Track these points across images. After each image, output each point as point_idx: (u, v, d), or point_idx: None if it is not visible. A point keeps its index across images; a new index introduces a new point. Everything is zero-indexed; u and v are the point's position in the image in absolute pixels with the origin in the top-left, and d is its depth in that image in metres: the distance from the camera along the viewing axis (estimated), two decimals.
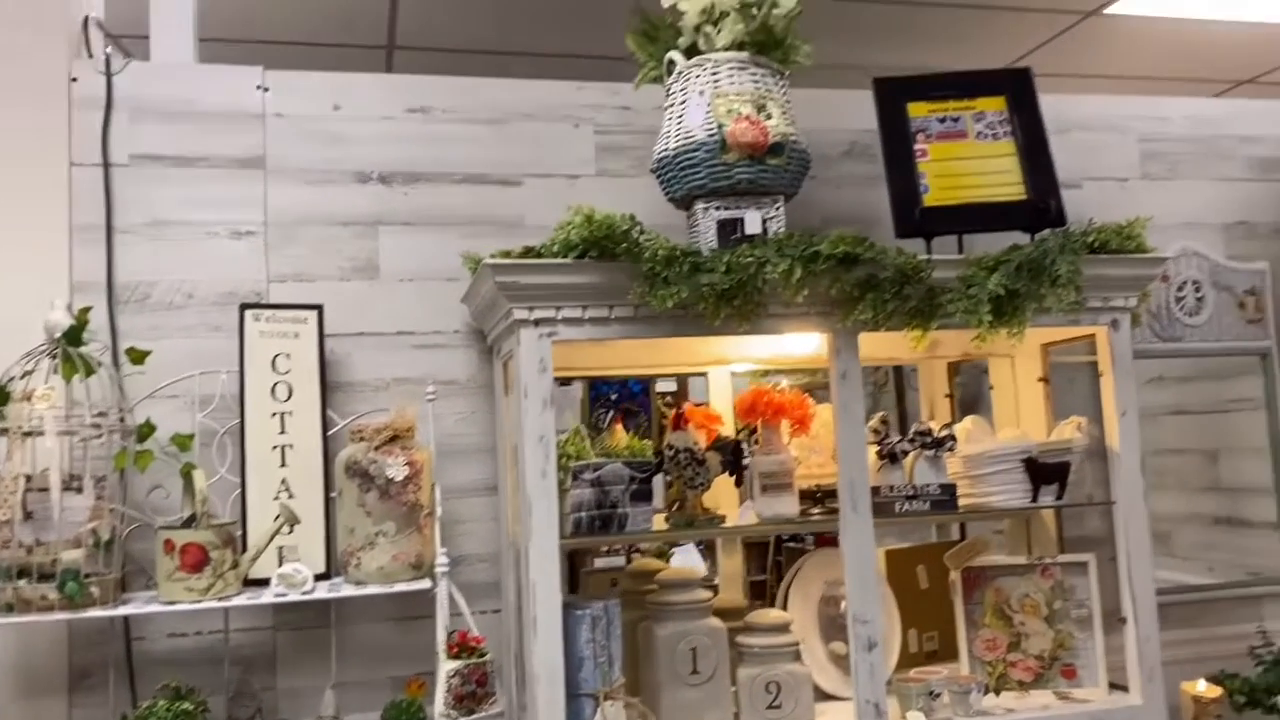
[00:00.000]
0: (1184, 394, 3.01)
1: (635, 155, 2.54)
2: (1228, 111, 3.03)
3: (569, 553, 2.60)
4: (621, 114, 2.57)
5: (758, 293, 1.99)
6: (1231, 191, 2.98)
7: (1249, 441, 2.96)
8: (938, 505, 2.23)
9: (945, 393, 2.81)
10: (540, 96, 2.53)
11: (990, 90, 2.40)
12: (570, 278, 1.94)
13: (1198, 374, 2.99)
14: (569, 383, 2.67)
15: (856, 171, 2.71)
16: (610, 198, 2.45)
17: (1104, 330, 2.28)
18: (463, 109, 2.47)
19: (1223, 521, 3.01)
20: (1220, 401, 3.02)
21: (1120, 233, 2.23)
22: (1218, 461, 3.01)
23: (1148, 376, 2.93)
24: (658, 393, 2.77)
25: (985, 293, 2.06)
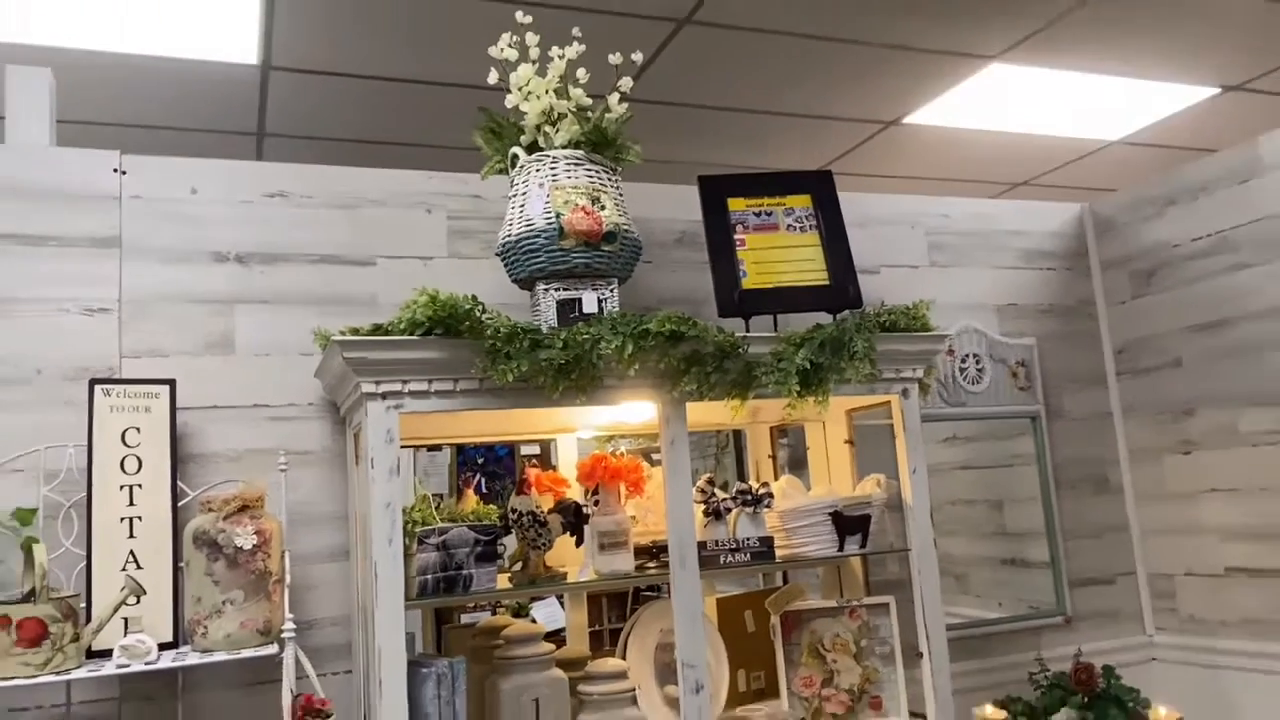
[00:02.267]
0: (972, 451, 3.17)
1: (484, 239, 2.54)
2: (1001, 210, 3.26)
3: (435, 610, 2.52)
4: (472, 201, 2.57)
5: (593, 367, 2.00)
6: (1004, 277, 3.20)
7: (1026, 492, 3.13)
8: (757, 556, 2.27)
9: (768, 454, 2.87)
10: (394, 184, 2.51)
11: (799, 189, 2.52)
12: (416, 353, 1.91)
13: (983, 434, 3.16)
14: (438, 449, 2.61)
15: (687, 257, 2.78)
16: (461, 278, 2.45)
17: (897, 398, 2.39)
18: (319, 194, 2.43)
19: (1008, 562, 3.16)
20: (1003, 457, 3.19)
21: (908, 313, 2.35)
22: (1002, 510, 3.17)
23: (941, 436, 3.08)
24: (523, 456, 2.74)
25: (794, 366, 2.14)
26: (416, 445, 2.55)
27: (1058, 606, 3.03)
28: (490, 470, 2.71)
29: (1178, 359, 3.05)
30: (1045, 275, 3.25)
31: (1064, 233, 3.31)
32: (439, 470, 2.65)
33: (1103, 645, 2.97)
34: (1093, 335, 3.27)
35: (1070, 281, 3.28)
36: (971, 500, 3.17)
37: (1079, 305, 3.28)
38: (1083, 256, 3.32)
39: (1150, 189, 3.15)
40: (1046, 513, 3.09)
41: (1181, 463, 3.04)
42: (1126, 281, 3.22)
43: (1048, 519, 3.09)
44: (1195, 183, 2.99)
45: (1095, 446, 3.20)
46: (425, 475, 2.60)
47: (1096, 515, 3.15)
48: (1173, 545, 3.06)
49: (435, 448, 2.61)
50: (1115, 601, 3.11)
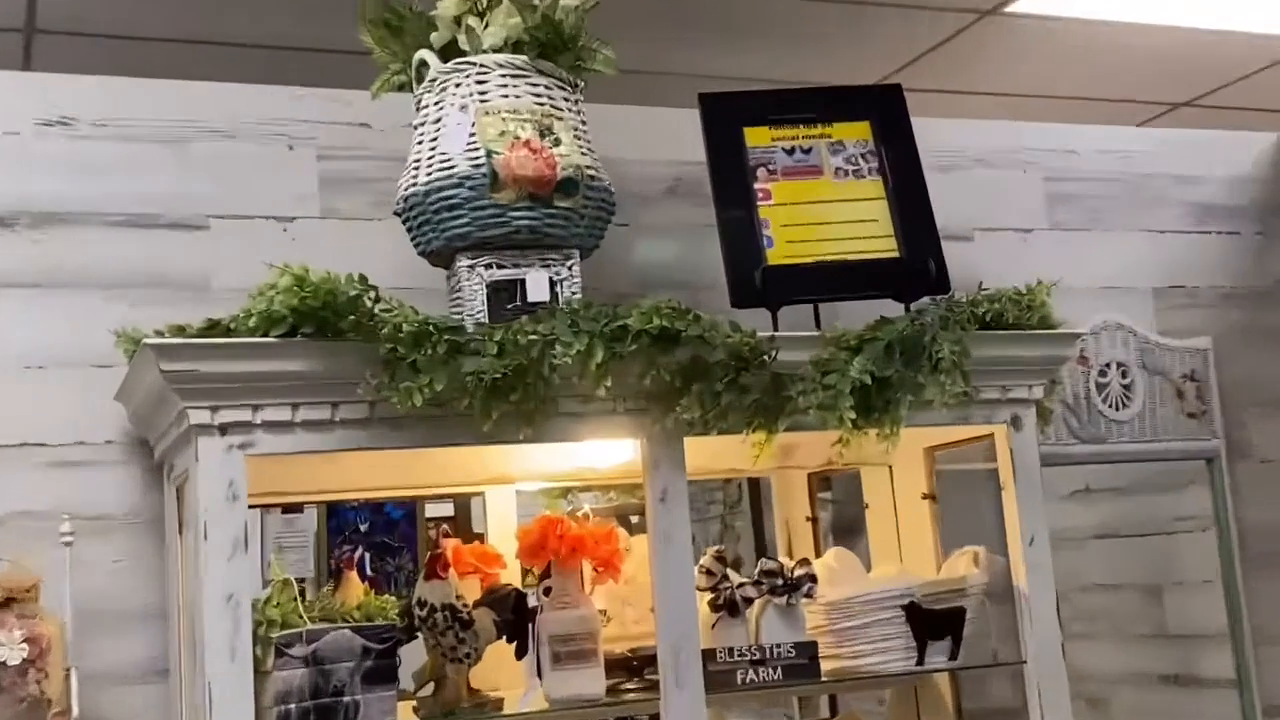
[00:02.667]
0: (1116, 511, 3.22)
1: (376, 190, 2.57)
2: (1156, 144, 3.33)
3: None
4: (357, 133, 2.60)
5: (544, 384, 2.02)
6: (1163, 246, 3.26)
7: (1199, 572, 3.18)
8: (793, 672, 2.30)
9: (807, 515, 2.91)
10: (240, 106, 2.54)
11: (851, 113, 2.56)
12: (273, 364, 1.93)
13: (1133, 484, 3.21)
14: (299, 509, 2.62)
15: (682, 216, 2.82)
16: (341, 250, 2.46)
17: (1003, 430, 2.42)
18: (123, 121, 2.45)
19: (1170, 680, 3.20)
20: (1163, 520, 3.25)
21: (1020, 301, 2.40)
22: (1162, 600, 3.22)
23: (1070, 488, 3.12)
24: (428, 520, 2.75)
25: (847, 382, 2.16)
26: (266, 505, 2.56)
27: None
28: (379, 541, 2.72)
29: None
30: (1227, 243, 3.31)
31: (1253, 178, 3.37)
32: (299, 540, 2.66)
33: None
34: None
35: (1263, 251, 3.34)
36: (1115, 585, 3.22)
37: (1276, 287, 3.33)
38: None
39: None
40: (1230, 604, 3.14)
41: None
42: None
43: (1231, 614, 3.13)
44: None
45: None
46: (279, 548, 2.61)
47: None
48: None
49: (294, 507, 2.62)
50: None
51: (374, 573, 2.63)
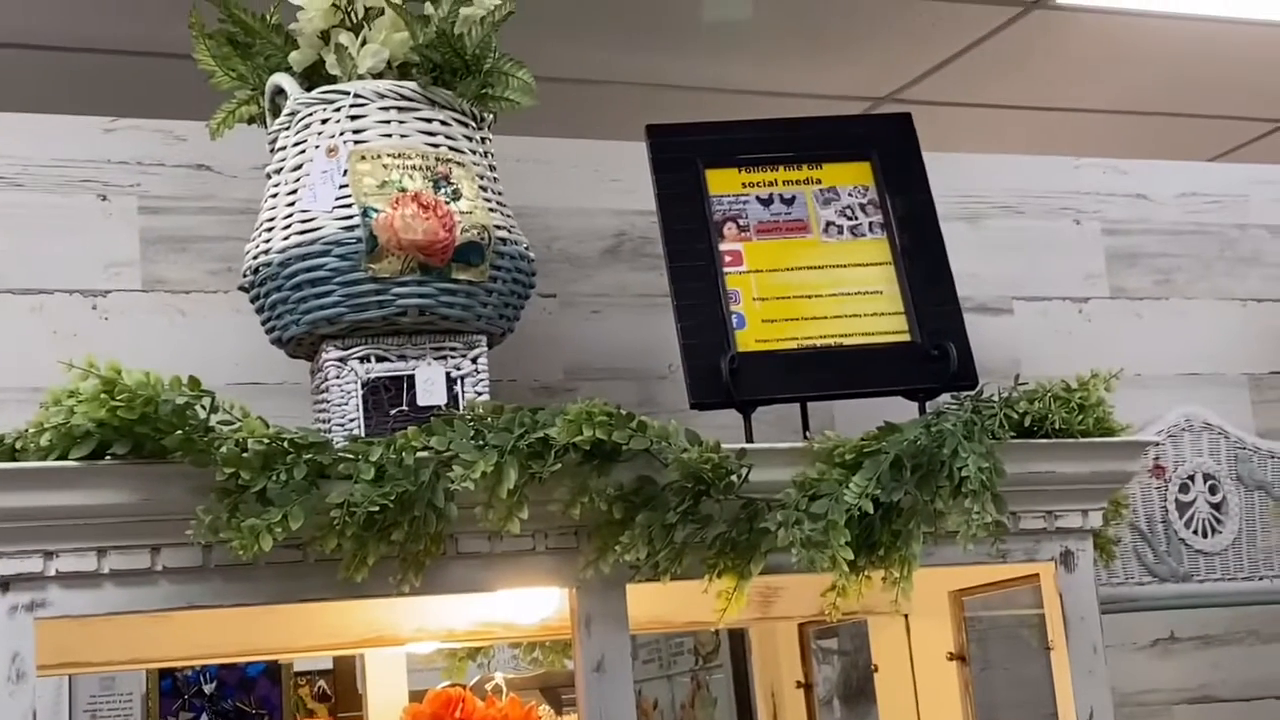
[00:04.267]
0: (1210, 666, 3.24)
1: (217, 254, 2.59)
2: (1256, 183, 3.37)
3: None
4: (194, 177, 2.62)
5: (438, 518, 2.03)
6: (1263, 318, 3.30)
7: None
8: None
9: (798, 679, 2.92)
10: (34, 142, 2.55)
11: (847, 150, 2.60)
12: (74, 496, 1.92)
13: (1232, 632, 3.23)
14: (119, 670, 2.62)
15: (628, 285, 2.85)
16: (170, 336, 2.49)
17: (1050, 569, 2.45)
18: None
19: None
20: (1271, 680, 3.26)
21: (1070, 399, 2.42)
22: None
23: (1150, 638, 3.14)
24: (296, 676, 2.75)
25: (841, 510, 2.18)
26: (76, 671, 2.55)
27: None
28: (229, 709, 2.71)
29: None
30: None
31: None
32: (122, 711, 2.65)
33: None
34: None
35: None
36: None
37: None
38: None
39: None
40: None
41: None
42: None
43: None
44: None
45: None
46: None
47: None
48: None
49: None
50: None
51: None
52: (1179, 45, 4.36)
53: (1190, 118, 4.67)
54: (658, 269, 2.55)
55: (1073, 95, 4.23)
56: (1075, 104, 4.29)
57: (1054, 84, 4.29)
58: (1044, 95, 3.90)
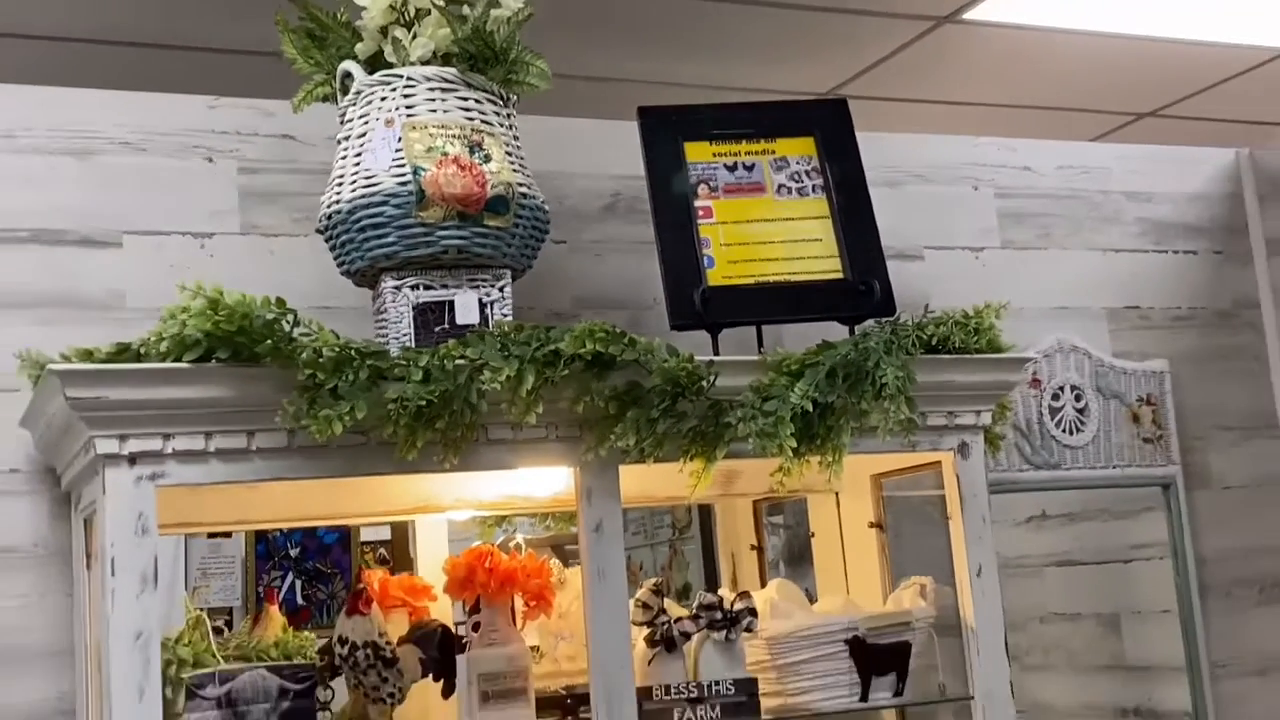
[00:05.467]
0: (1071, 538, 3.26)
1: (301, 206, 2.57)
2: (1113, 158, 3.37)
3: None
4: (280, 145, 2.61)
5: (471, 410, 2.03)
6: (1118, 266, 3.31)
7: (1155, 601, 3.22)
8: (732, 710, 2.31)
9: (751, 543, 2.93)
10: (155, 115, 2.53)
11: (795, 128, 2.59)
12: (186, 391, 1.92)
13: (1089, 511, 3.25)
14: (225, 534, 2.61)
15: (622, 235, 2.84)
16: (262, 269, 2.49)
17: (950, 457, 2.46)
18: (29, 130, 2.44)
19: (1130, 714, 3.24)
20: (1119, 548, 3.29)
21: (966, 324, 2.43)
22: (1120, 630, 3.25)
23: (1025, 515, 3.16)
24: (363, 544, 2.74)
25: (787, 408, 2.19)
26: (189, 531, 2.55)
27: None
28: (310, 569, 2.71)
29: None
30: (1184, 263, 3.36)
31: (1211, 194, 3.43)
32: (226, 568, 2.64)
33: None
34: (1256, 355, 3.38)
35: (1221, 272, 3.40)
36: (1073, 615, 3.25)
37: (1235, 309, 3.39)
38: (1240, 233, 3.44)
39: None
40: (1187, 636, 3.17)
41: None
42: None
43: (1188, 645, 3.17)
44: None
45: (1262, 530, 3.30)
46: (203, 576, 2.60)
47: (1265, 639, 3.25)
48: None
49: (220, 533, 2.61)
50: None
51: (305, 601, 2.63)
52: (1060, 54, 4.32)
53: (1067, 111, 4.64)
54: (646, 222, 2.53)
55: (974, 92, 4.19)
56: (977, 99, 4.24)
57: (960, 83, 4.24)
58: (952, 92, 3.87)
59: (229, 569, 2.64)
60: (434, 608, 2.48)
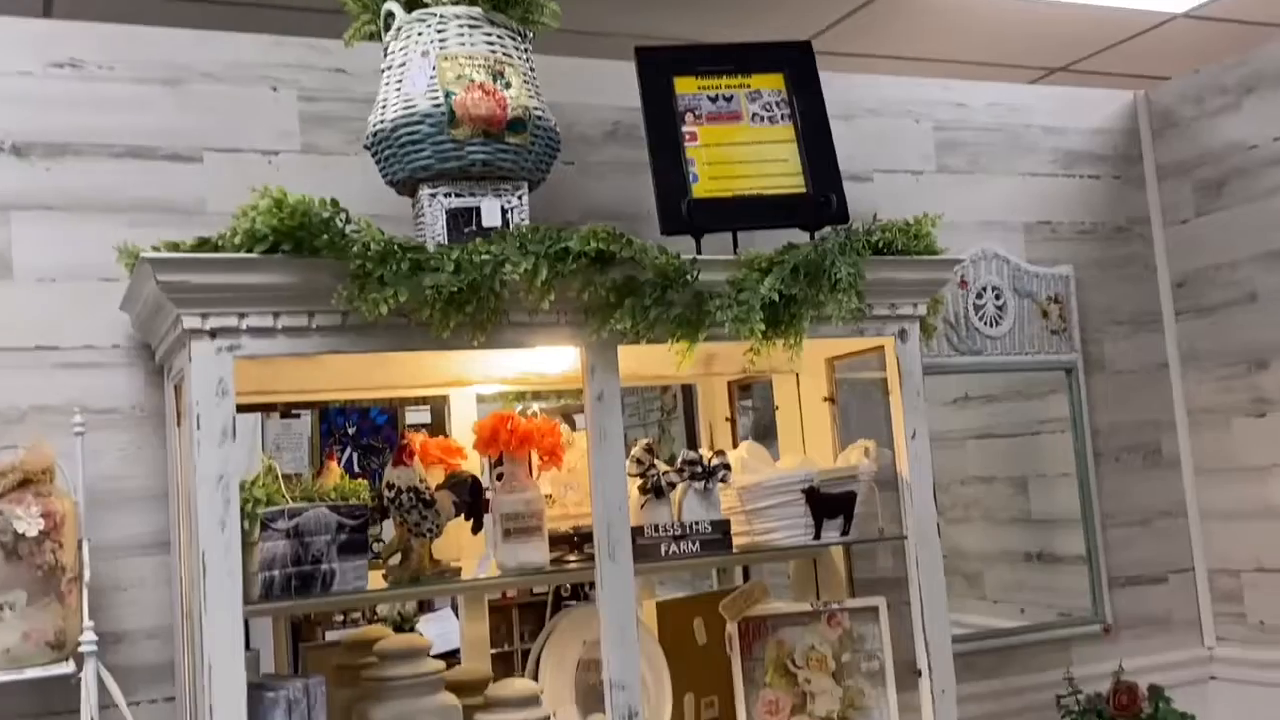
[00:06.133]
0: (990, 416, 3.25)
1: (350, 128, 2.52)
2: (1032, 99, 3.33)
3: (293, 624, 2.53)
4: (333, 77, 2.55)
5: (495, 297, 2.01)
6: (1034, 188, 3.27)
7: (1058, 467, 3.23)
8: (709, 545, 2.32)
9: (726, 416, 2.93)
10: (229, 52, 2.48)
11: (768, 66, 2.54)
12: (257, 277, 1.90)
13: (1004, 392, 3.25)
14: (294, 415, 2.61)
15: (623, 157, 2.80)
16: (319, 180, 2.42)
17: (891, 342, 2.44)
18: (126, 65, 2.39)
19: (1034, 557, 3.26)
20: (1029, 423, 3.29)
21: (908, 232, 2.40)
22: (1028, 490, 3.27)
23: (950, 396, 3.15)
24: (408, 425, 2.74)
25: (758, 298, 2.17)
26: (264, 405, 2.55)
27: (1094, 613, 3.15)
28: (364, 443, 2.71)
29: (1252, 293, 3.15)
30: (1087, 185, 3.33)
31: (1112, 129, 3.39)
32: (296, 443, 2.65)
33: (1150, 661, 3.10)
34: (1146, 263, 3.37)
35: (1119, 194, 3.37)
36: (989, 478, 3.26)
37: (1129, 225, 3.37)
38: (1135, 161, 3.40)
39: (1222, 73, 3.22)
40: (1082, 493, 3.19)
41: (1255, 427, 3.15)
42: (1190, 194, 3.31)
43: (1084, 501, 3.19)
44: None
45: (1146, 407, 3.30)
46: (277, 450, 2.60)
47: (1146, 496, 3.27)
48: (1242, 533, 3.19)
49: (290, 413, 2.61)
50: (1167, 605, 3.24)
51: (360, 470, 2.63)
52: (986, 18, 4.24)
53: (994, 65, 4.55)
54: (642, 146, 2.49)
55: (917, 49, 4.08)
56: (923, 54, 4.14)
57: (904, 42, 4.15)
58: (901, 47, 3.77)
59: (298, 443, 2.64)
60: (465, 464, 2.48)
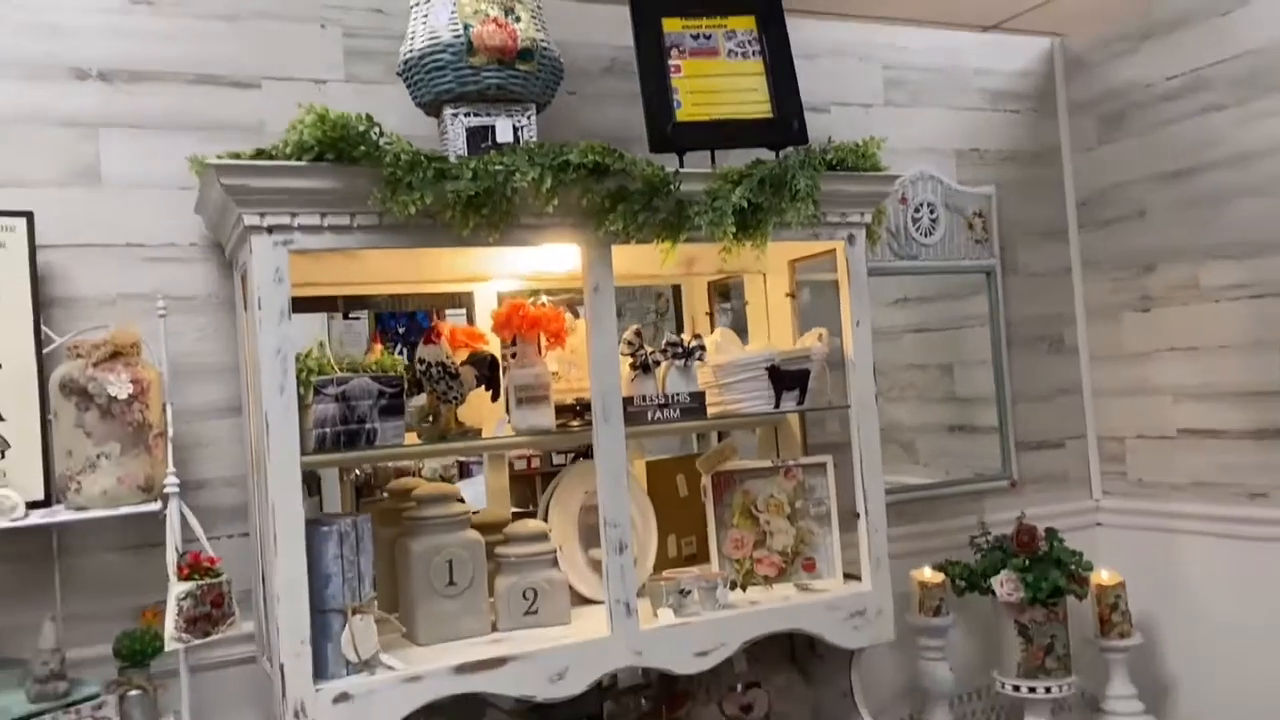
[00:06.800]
0: (923, 314, 3.21)
1: (386, 61, 2.43)
2: (966, 44, 3.21)
3: (356, 489, 2.52)
4: (372, 16, 2.45)
5: (507, 201, 1.96)
6: (965, 120, 3.18)
7: (978, 355, 3.20)
8: (688, 413, 2.29)
9: (705, 311, 2.88)
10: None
11: (742, 9, 2.43)
12: (305, 181, 1.84)
13: (935, 294, 3.19)
14: (355, 317, 2.57)
15: (618, 89, 2.70)
16: (361, 105, 2.30)
17: (842, 245, 2.39)
18: (194, 2, 2.29)
19: (956, 429, 3.25)
20: (955, 319, 3.25)
21: (857, 151, 2.33)
22: (953, 374, 3.24)
23: (892, 298, 3.11)
24: None
25: (730, 205, 2.12)
26: (323, 297, 2.49)
27: (1003, 471, 3.14)
28: (412, 341, 2.67)
29: (1142, 210, 3.09)
30: (1010, 119, 3.24)
31: (1032, 71, 3.28)
32: (356, 340, 2.61)
33: (1047, 510, 3.10)
34: (1056, 185, 3.29)
35: (1036, 126, 3.28)
36: (921, 365, 3.23)
37: (1044, 152, 3.28)
38: (1050, 98, 3.30)
39: (1127, 23, 3.11)
40: (997, 376, 3.17)
41: (1140, 320, 3.12)
42: (1094, 126, 3.22)
43: (998, 382, 3.17)
44: (1175, 13, 2.96)
45: (1051, 304, 3.26)
46: (340, 345, 2.56)
47: (1049, 377, 3.24)
48: (1126, 407, 3.17)
49: (351, 316, 2.56)
50: (1063, 465, 3.24)
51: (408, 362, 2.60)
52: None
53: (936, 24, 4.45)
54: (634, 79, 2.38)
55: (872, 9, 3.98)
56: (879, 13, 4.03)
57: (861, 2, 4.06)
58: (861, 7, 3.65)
59: (358, 339, 2.60)
60: (485, 348, 2.43)
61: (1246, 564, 2.82)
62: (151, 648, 1.94)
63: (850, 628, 2.34)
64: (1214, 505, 2.90)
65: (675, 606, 2.22)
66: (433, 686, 1.95)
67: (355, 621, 1.89)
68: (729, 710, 2.44)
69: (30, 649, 1.92)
